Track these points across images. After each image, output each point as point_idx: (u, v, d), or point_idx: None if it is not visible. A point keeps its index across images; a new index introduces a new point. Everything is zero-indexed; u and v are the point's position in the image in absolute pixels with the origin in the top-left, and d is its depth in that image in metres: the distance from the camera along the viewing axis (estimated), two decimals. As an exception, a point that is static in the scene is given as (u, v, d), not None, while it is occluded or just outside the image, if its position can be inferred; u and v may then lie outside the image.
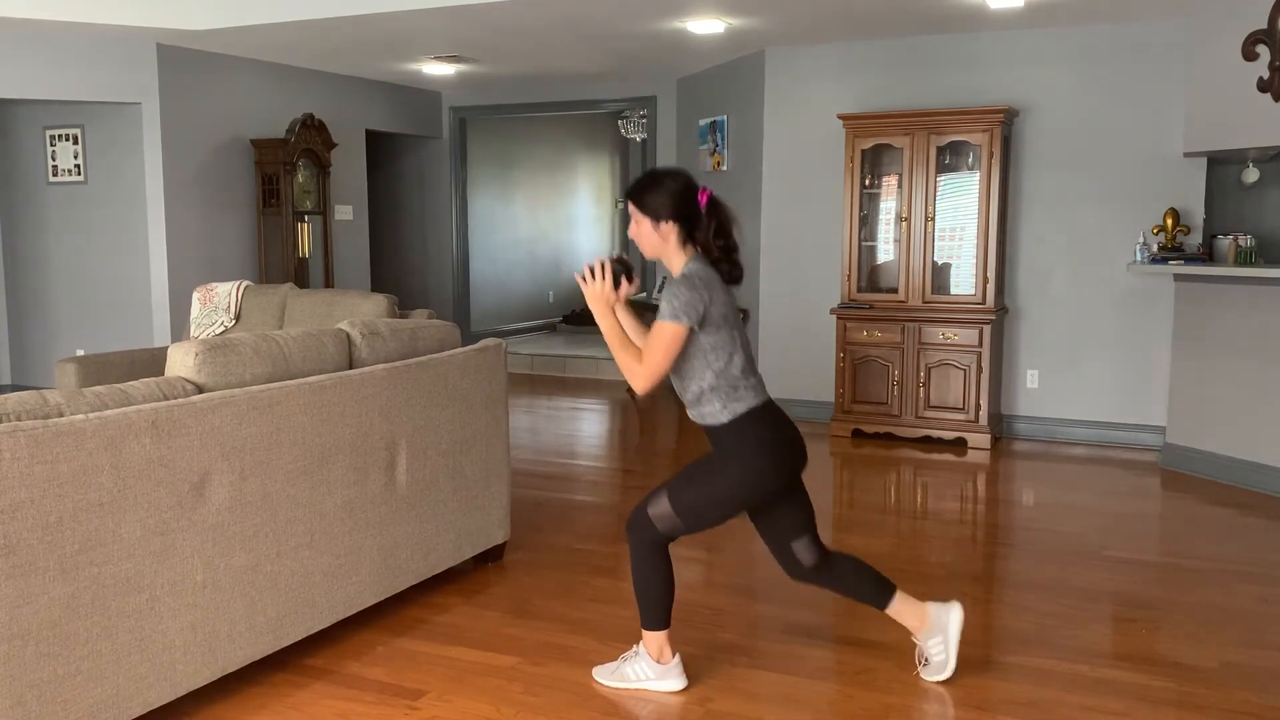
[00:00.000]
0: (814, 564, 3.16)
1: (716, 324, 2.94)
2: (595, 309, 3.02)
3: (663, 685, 3.16)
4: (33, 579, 2.50)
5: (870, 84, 7.02)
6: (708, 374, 2.97)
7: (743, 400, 2.98)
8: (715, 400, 2.98)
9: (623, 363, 2.98)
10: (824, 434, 6.94)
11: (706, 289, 2.93)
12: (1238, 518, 5.10)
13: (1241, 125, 5.65)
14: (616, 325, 3.02)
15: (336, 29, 6.60)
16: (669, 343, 2.91)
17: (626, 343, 3.00)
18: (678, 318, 2.89)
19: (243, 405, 3.03)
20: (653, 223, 2.99)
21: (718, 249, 3.00)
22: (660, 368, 2.93)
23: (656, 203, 2.98)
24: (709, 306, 2.92)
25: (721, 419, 2.98)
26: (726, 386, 2.97)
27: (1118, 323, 6.58)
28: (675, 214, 2.98)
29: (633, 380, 2.97)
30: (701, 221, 2.99)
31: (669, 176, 3.02)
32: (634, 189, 3.04)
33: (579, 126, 12.57)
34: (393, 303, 4.94)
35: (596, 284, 2.99)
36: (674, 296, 2.90)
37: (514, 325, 11.58)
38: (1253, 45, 5.51)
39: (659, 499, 3.05)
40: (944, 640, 3.20)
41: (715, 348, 2.96)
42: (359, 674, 3.29)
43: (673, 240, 3.00)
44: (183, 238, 7.32)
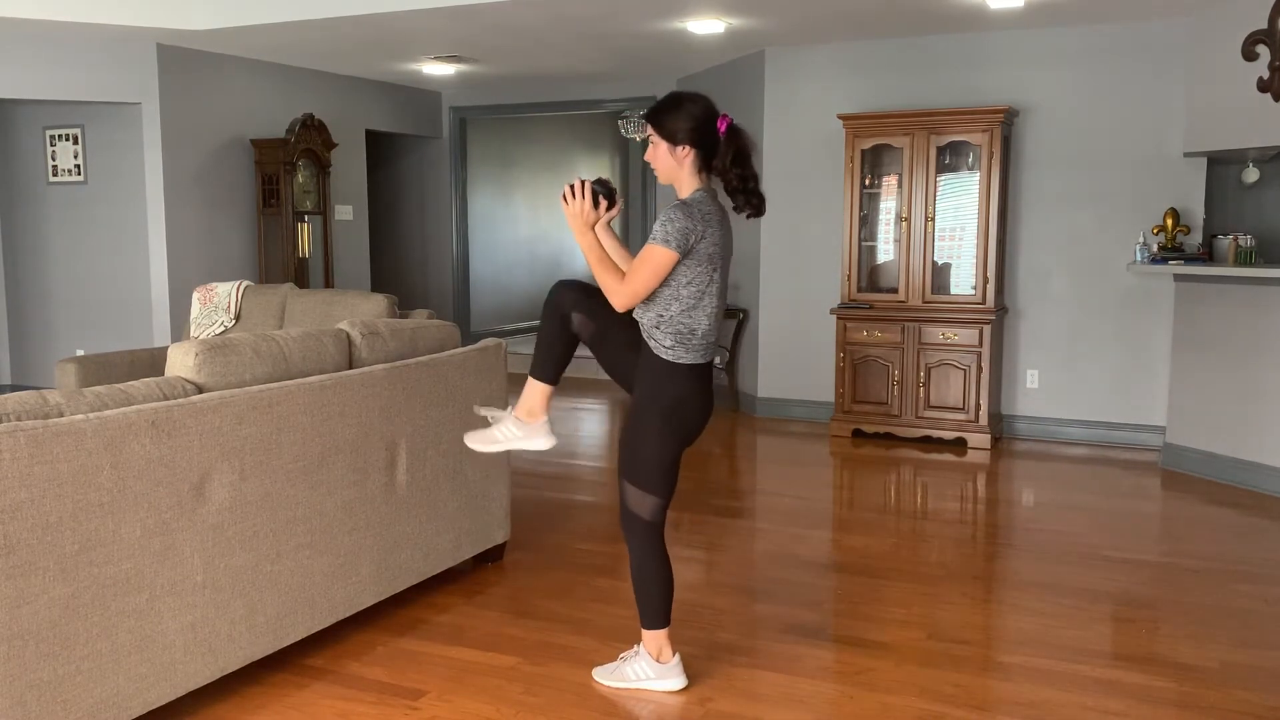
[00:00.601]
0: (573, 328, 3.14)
1: (700, 258, 2.91)
2: (574, 227, 2.98)
3: (662, 685, 3.16)
4: (32, 579, 2.50)
5: (870, 84, 7.02)
6: (674, 305, 2.94)
7: (691, 353, 2.97)
8: (668, 337, 2.96)
9: (602, 281, 2.95)
10: (824, 434, 6.94)
11: (703, 221, 2.90)
12: (1238, 518, 5.10)
13: (1241, 125, 5.65)
14: (596, 243, 2.98)
15: (336, 29, 6.60)
16: (655, 266, 2.88)
17: (607, 261, 2.96)
18: (668, 242, 2.86)
19: (243, 405, 3.03)
20: (670, 146, 2.95)
21: (735, 177, 2.96)
22: (643, 290, 2.91)
23: (675, 125, 2.94)
24: (700, 239, 2.89)
25: (665, 356, 2.97)
26: (684, 332, 2.96)
27: (1118, 323, 6.58)
28: (693, 138, 2.93)
29: (612, 298, 2.94)
30: (720, 148, 2.95)
31: (689, 100, 2.98)
32: (653, 111, 2.99)
33: (579, 126, 12.57)
34: (393, 303, 4.94)
35: (575, 203, 2.95)
36: (669, 221, 2.87)
37: (514, 325, 11.59)
38: (1253, 45, 5.51)
39: (625, 488, 3.07)
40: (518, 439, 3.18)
41: (690, 282, 2.93)
42: (359, 674, 3.29)
43: (688, 165, 2.96)
44: (183, 238, 7.32)
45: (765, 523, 5.01)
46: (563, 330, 3.10)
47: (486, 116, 10.29)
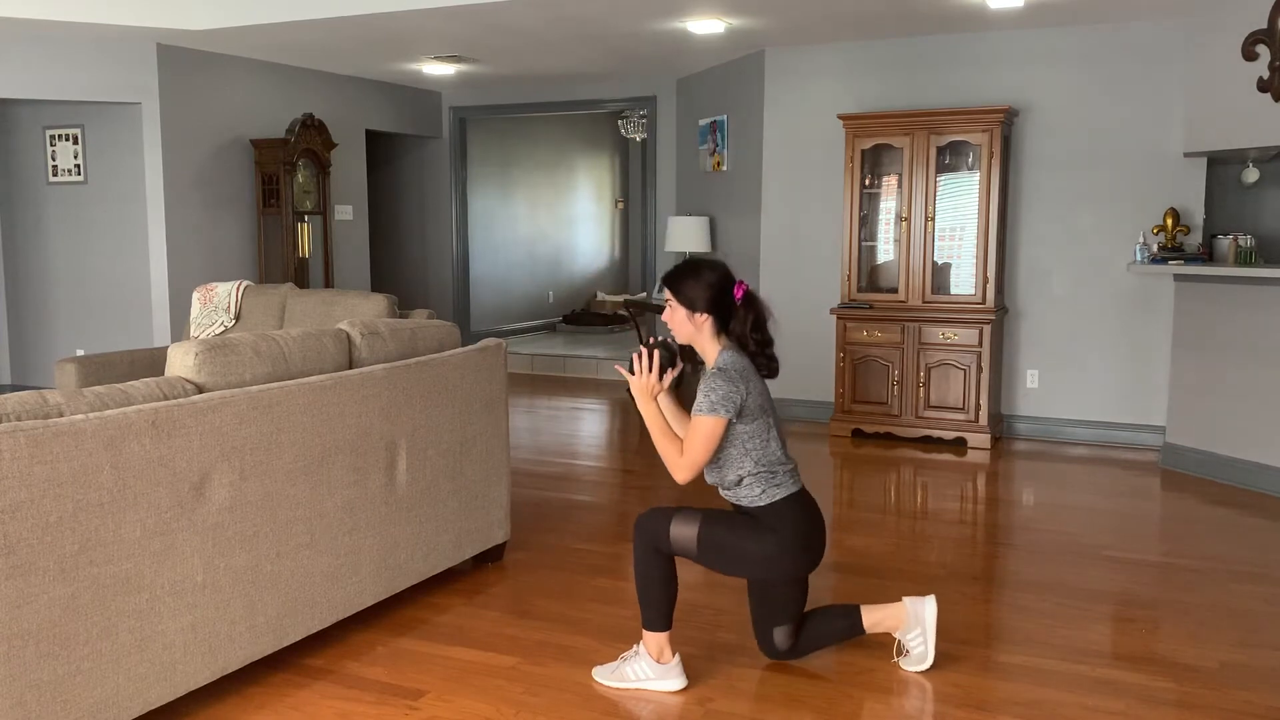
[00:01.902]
0: (787, 649, 3.26)
1: (753, 413, 3.01)
2: (640, 399, 3.08)
3: (662, 685, 3.16)
4: (32, 579, 2.50)
5: (870, 84, 7.02)
6: (747, 462, 3.04)
7: (782, 486, 3.06)
8: (755, 486, 3.05)
9: (665, 453, 3.05)
10: (824, 434, 6.94)
11: (743, 380, 2.99)
12: (1238, 518, 5.10)
13: (1241, 125, 5.65)
14: (659, 415, 3.08)
15: (336, 29, 6.60)
16: (708, 435, 2.98)
17: (669, 433, 3.06)
18: (715, 411, 2.95)
19: (243, 405, 3.03)
20: (688, 312, 3.06)
21: (754, 343, 3.07)
22: (701, 459, 3.01)
23: (693, 293, 3.05)
24: (745, 397, 2.98)
25: (760, 503, 3.06)
26: (766, 473, 3.04)
27: (1118, 323, 6.58)
28: (711, 305, 3.04)
29: (674, 472, 3.04)
30: (737, 314, 3.06)
31: (707, 268, 3.08)
32: (671, 276, 3.10)
33: (579, 126, 12.57)
34: (393, 303, 4.94)
35: (642, 377, 3.05)
36: (711, 390, 2.96)
37: (514, 325, 11.59)
38: (1253, 45, 5.51)
39: (689, 522, 3.09)
40: (922, 632, 3.26)
41: (753, 436, 3.03)
42: (359, 674, 3.29)
43: (706, 330, 3.07)
44: (183, 238, 7.32)
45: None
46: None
47: (486, 116, 10.29)
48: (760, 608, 3.25)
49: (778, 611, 3.22)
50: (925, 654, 3.26)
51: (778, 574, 3.13)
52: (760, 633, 3.27)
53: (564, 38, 6.95)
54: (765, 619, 3.24)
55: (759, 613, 3.26)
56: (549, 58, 7.80)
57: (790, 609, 3.22)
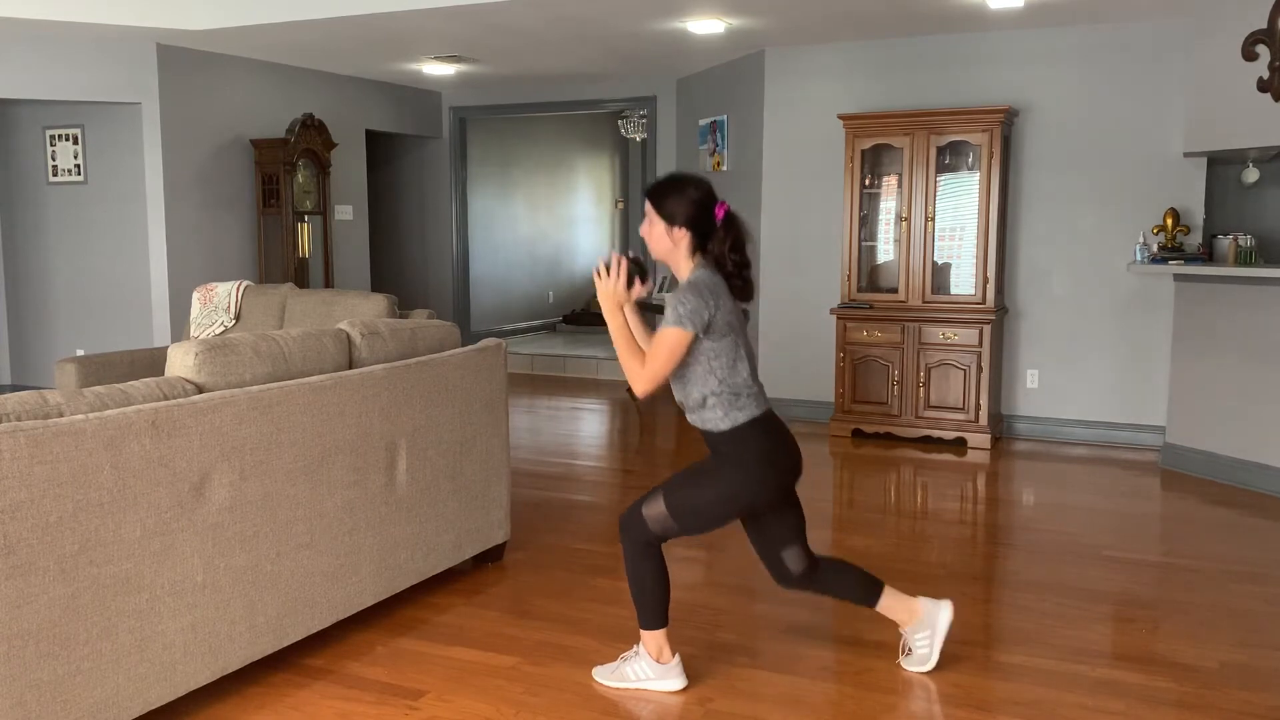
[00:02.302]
0: (802, 572, 3.18)
1: (721, 331, 2.96)
2: (605, 306, 3.02)
3: (662, 685, 3.16)
4: (32, 579, 2.50)
5: (870, 84, 7.02)
6: (711, 380, 2.98)
7: (744, 409, 2.99)
8: (717, 408, 2.99)
9: (626, 364, 3.00)
10: (824, 434, 6.94)
11: (713, 296, 2.94)
12: (1238, 518, 5.10)
13: (1241, 125, 5.64)
14: (624, 325, 3.03)
15: (336, 29, 6.60)
16: (672, 348, 2.92)
17: (632, 344, 3.01)
18: (682, 324, 2.90)
19: (243, 405, 3.03)
20: (667, 226, 3.00)
21: (732, 263, 3.01)
22: (662, 373, 2.96)
23: (674, 207, 2.99)
24: (714, 314, 2.93)
25: (722, 426, 2.99)
26: (729, 394, 2.98)
27: (1118, 323, 6.58)
28: (690, 221, 2.99)
29: (634, 383, 2.99)
30: (717, 233, 3.01)
31: (691, 184, 3.03)
32: (654, 190, 3.05)
33: (579, 126, 12.57)
34: (393, 303, 4.94)
35: (610, 281, 3.00)
36: (680, 303, 2.91)
37: (514, 325, 11.59)
38: (1253, 45, 5.51)
39: (654, 499, 3.06)
40: (931, 635, 3.24)
41: (719, 354, 2.97)
42: (359, 674, 3.29)
43: (684, 247, 3.02)
44: (183, 238, 7.32)
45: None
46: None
47: (486, 116, 10.29)
48: (760, 539, 3.18)
49: (778, 536, 3.14)
50: (929, 656, 3.25)
51: (754, 502, 3.05)
52: (770, 563, 3.18)
53: (564, 38, 6.95)
54: (768, 548, 3.17)
55: (760, 545, 3.19)
56: (549, 58, 7.80)
57: (789, 530, 3.14)
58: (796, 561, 3.16)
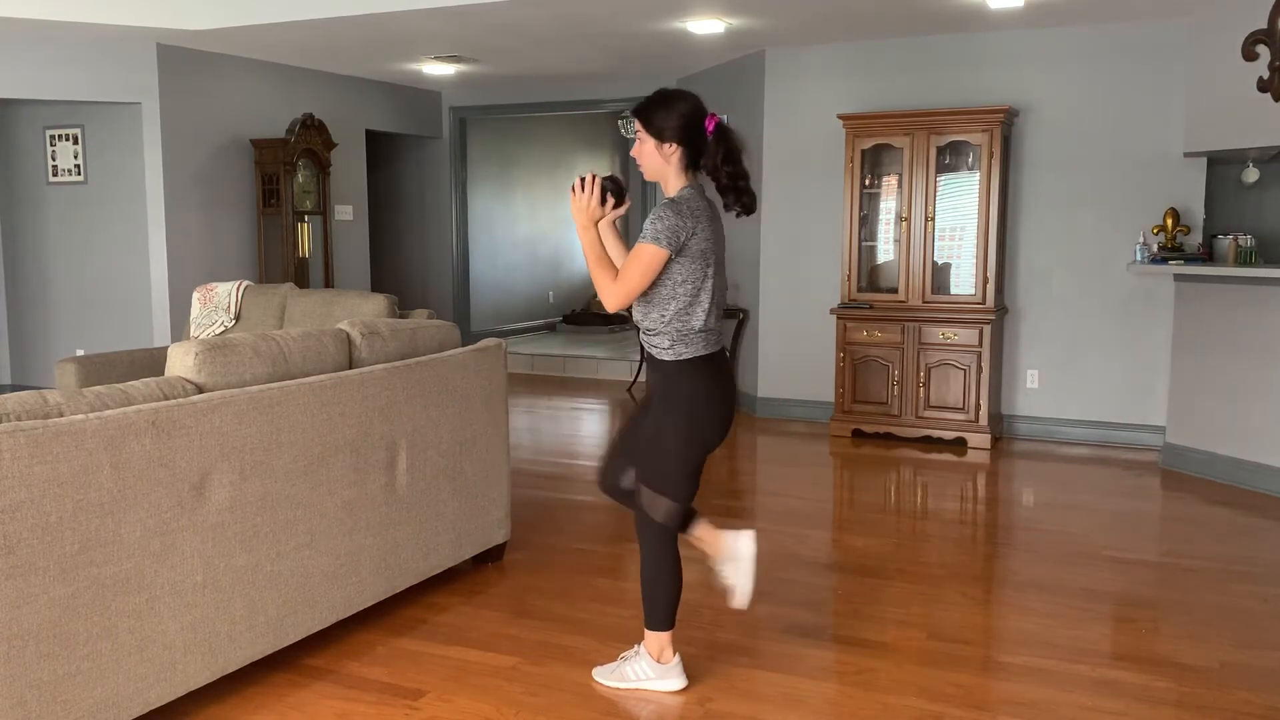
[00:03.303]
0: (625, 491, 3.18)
1: (693, 255, 2.91)
2: (578, 222, 2.96)
3: (663, 685, 3.16)
4: (32, 579, 2.50)
5: (870, 84, 7.02)
6: (671, 305, 2.94)
7: (691, 347, 2.97)
8: (666, 338, 2.97)
9: (598, 279, 2.95)
10: (824, 434, 6.94)
11: (693, 217, 2.89)
12: (1238, 518, 5.10)
13: (1241, 125, 5.64)
14: (597, 241, 2.97)
15: (336, 29, 6.60)
16: (646, 264, 2.88)
17: (605, 259, 2.96)
18: (659, 240, 2.86)
19: (243, 405, 3.03)
20: (657, 143, 2.95)
21: (725, 175, 2.94)
22: (635, 289, 2.91)
23: (663, 123, 2.93)
24: (691, 236, 2.89)
25: (666, 357, 2.98)
26: (682, 330, 2.96)
27: (1118, 323, 6.58)
28: (681, 136, 2.93)
29: (604, 296, 2.94)
30: (709, 148, 2.94)
31: (679, 98, 2.97)
32: (642, 107, 2.98)
33: (579, 126, 12.57)
34: (393, 303, 4.94)
35: (583, 197, 2.94)
36: (659, 219, 2.87)
37: (514, 325, 11.59)
38: (1253, 45, 5.51)
39: (638, 488, 3.07)
40: (736, 566, 3.23)
41: (685, 280, 2.93)
42: (359, 674, 3.29)
43: (675, 163, 2.96)
44: (183, 238, 7.32)
45: (765, 523, 5.01)
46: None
47: (486, 116, 10.29)
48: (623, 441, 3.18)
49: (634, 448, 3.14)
50: (743, 589, 3.23)
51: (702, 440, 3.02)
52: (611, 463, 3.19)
53: (564, 38, 6.95)
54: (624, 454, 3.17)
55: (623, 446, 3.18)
56: (549, 58, 7.80)
57: None
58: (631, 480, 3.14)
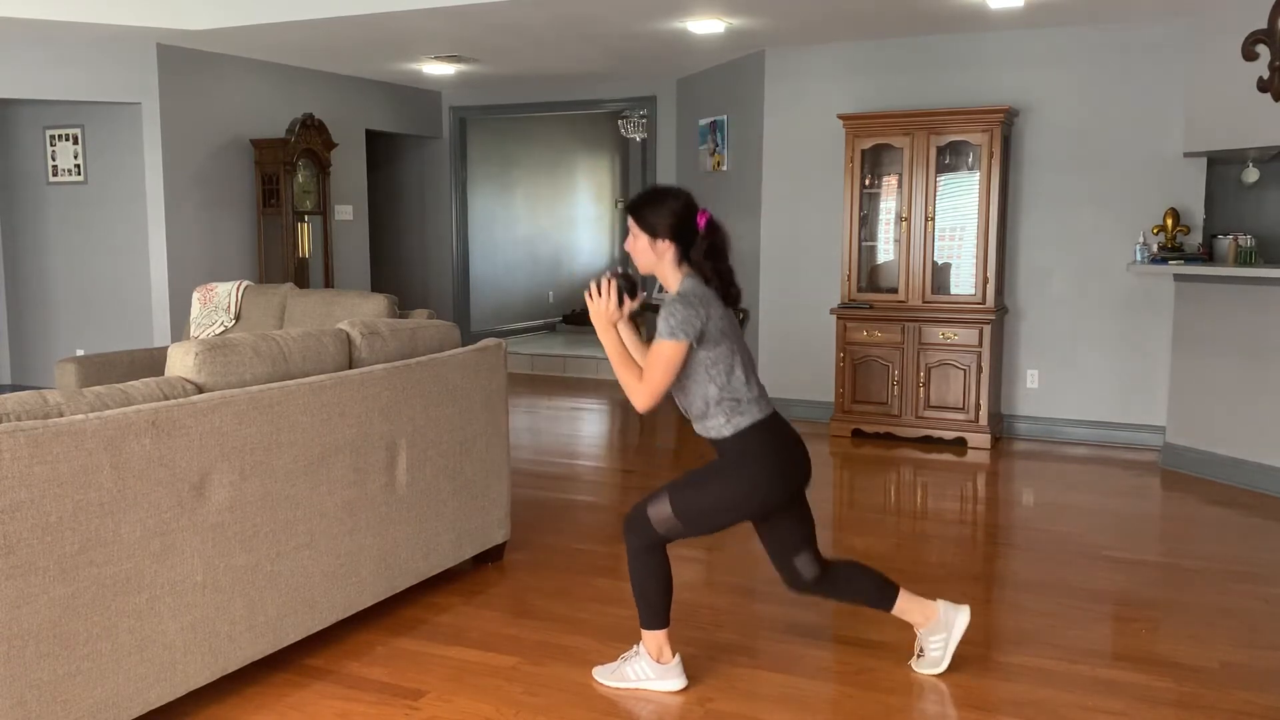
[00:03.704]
0: (814, 577, 3.18)
1: (715, 339, 2.96)
2: (598, 325, 3.03)
3: (663, 685, 3.16)
4: (32, 579, 2.50)
5: (870, 84, 7.02)
6: (710, 388, 2.99)
7: (746, 414, 3.00)
8: (719, 414, 3.00)
9: (624, 380, 3.00)
10: (824, 434, 6.94)
11: (703, 305, 2.95)
12: (1238, 518, 5.10)
13: (1241, 125, 5.65)
14: (618, 342, 3.04)
15: (336, 29, 6.60)
16: (668, 360, 2.93)
17: (628, 360, 3.02)
18: (675, 335, 2.91)
19: (243, 405, 3.03)
20: (650, 239, 3.01)
21: (709, 270, 3.00)
22: (660, 386, 2.96)
23: (655, 219, 3.00)
24: (706, 322, 2.94)
25: (725, 432, 3.01)
26: (730, 400, 2.99)
27: (1118, 323, 6.58)
28: (673, 232, 2.99)
29: (634, 398, 2.99)
30: (699, 242, 3.01)
31: (670, 195, 3.04)
32: (634, 204, 3.06)
33: (579, 126, 12.57)
34: (393, 303, 4.94)
35: (600, 301, 3.01)
36: (671, 314, 2.92)
37: (514, 325, 11.58)
38: (1253, 45, 5.51)
39: (659, 500, 3.06)
40: (945, 639, 3.23)
41: (715, 362, 2.98)
42: (359, 674, 3.29)
43: (668, 258, 3.02)
44: (183, 238, 7.32)
45: (765, 523, 5.01)
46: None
47: (486, 116, 10.29)
48: (772, 543, 3.17)
49: (788, 540, 3.14)
50: (942, 659, 3.24)
51: (763, 506, 3.05)
52: (782, 567, 3.18)
53: (564, 38, 6.95)
54: (781, 553, 3.16)
55: (773, 548, 3.18)
56: (549, 58, 7.80)
57: (798, 534, 3.14)
58: (809, 568, 3.16)
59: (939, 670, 3.24)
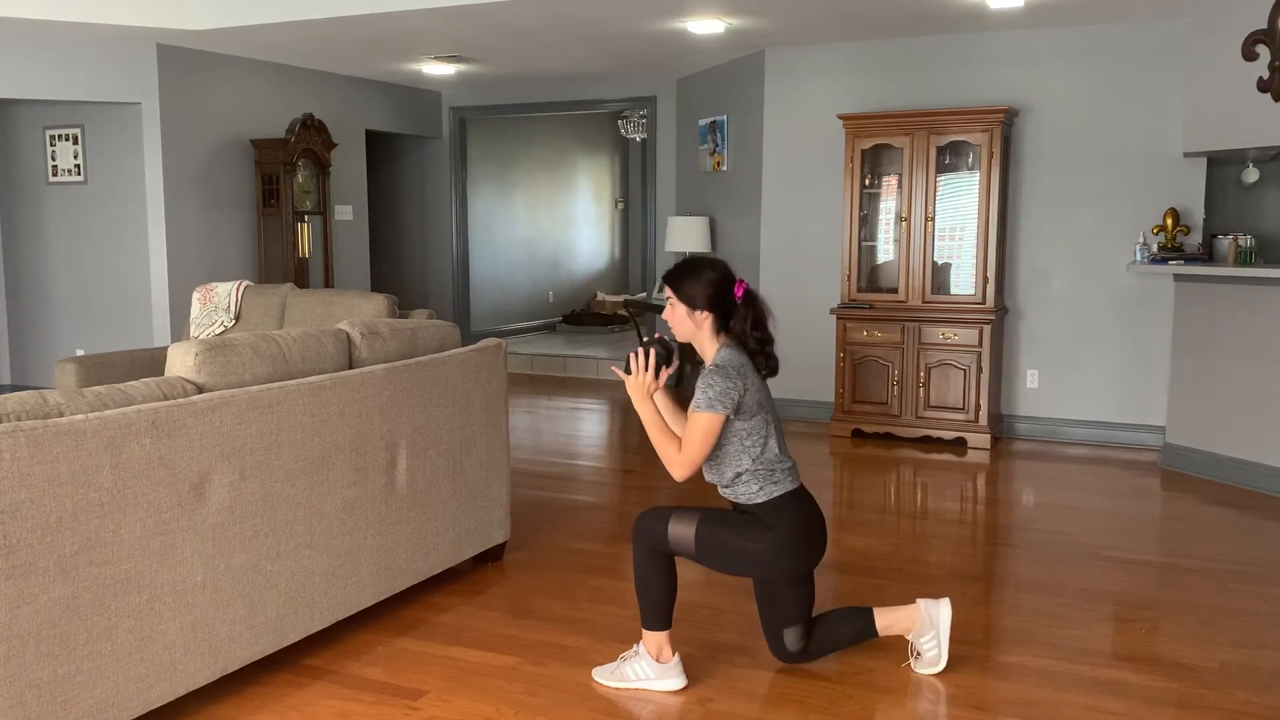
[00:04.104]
0: (799, 650, 3.25)
1: (751, 410, 3.01)
2: (635, 398, 3.07)
3: (662, 685, 3.16)
4: (32, 579, 2.50)
5: (870, 84, 7.02)
6: (744, 459, 3.03)
7: (780, 484, 3.05)
8: (753, 483, 3.05)
9: (662, 451, 3.04)
10: (824, 434, 6.94)
11: (740, 377, 2.99)
12: (1238, 518, 5.10)
13: (1241, 125, 5.65)
14: (656, 414, 3.08)
15: (336, 29, 6.60)
16: (706, 431, 2.97)
17: (666, 431, 3.06)
18: (714, 407, 2.95)
19: (243, 405, 3.03)
20: (688, 309, 3.06)
21: (754, 340, 3.06)
22: (699, 457, 3.01)
23: (694, 291, 3.05)
24: (744, 395, 2.98)
25: (758, 499, 3.06)
26: (764, 471, 3.04)
27: (1118, 323, 6.58)
28: (711, 303, 3.05)
29: (672, 469, 3.03)
30: (738, 311, 3.06)
31: (708, 266, 3.09)
32: (672, 275, 3.11)
33: (579, 126, 12.57)
34: (393, 303, 4.94)
35: (638, 376, 3.05)
36: (709, 386, 2.96)
37: (514, 325, 11.59)
38: (1253, 45, 5.51)
39: (686, 521, 3.08)
40: (936, 635, 3.25)
41: (751, 433, 3.02)
42: (359, 674, 3.29)
43: (707, 328, 3.07)
44: (183, 238, 7.32)
45: (765, 523, 5.01)
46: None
47: (486, 116, 10.29)
48: (768, 609, 3.24)
49: (785, 612, 3.21)
50: (939, 657, 3.25)
51: (778, 572, 3.11)
52: (770, 635, 3.26)
53: (564, 38, 6.95)
54: (774, 620, 3.23)
55: (767, 615, 3.25)
56: (549, 58, 7.80)
57: (797, 609, 3.21)
58: (795, 641, 3.23)
59: (939, 668, 3.25)
